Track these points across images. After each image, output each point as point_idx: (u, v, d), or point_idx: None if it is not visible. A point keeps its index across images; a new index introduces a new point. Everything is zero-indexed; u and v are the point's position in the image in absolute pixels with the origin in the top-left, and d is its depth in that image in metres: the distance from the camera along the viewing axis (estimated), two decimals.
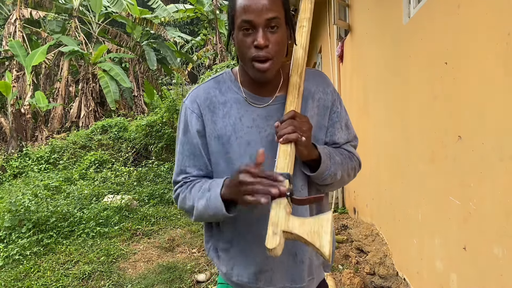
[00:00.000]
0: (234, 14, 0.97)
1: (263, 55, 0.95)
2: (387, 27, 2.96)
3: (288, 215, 0.86)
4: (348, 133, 1.16)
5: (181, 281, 3.33)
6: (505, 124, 1.40)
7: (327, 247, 0.79)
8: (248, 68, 0.99)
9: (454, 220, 1.86)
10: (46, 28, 13.19)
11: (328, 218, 0.83)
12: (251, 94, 1.07)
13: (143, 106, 13.43)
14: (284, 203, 0.87)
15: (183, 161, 1.10)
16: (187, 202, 1.07)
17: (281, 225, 0.84)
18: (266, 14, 0.93)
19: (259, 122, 1.06)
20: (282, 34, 0.97)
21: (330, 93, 1.13)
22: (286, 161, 0.93)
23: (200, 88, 1.11)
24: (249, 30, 0.95)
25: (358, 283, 2.77)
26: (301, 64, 1.08)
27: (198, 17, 17.28)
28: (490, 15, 1.49)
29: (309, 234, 0.82)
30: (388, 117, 2.99)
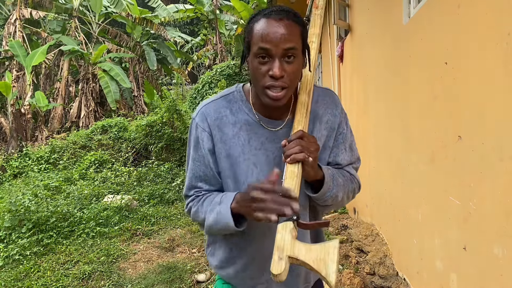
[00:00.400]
0: (250, 40, 0.96)
1: (278, 85, 0.94)
2: (387, 27, 2.96)
3: (294, 240, 0.85)
4: (352, 155, 1.16)
5: (181, 281, 3.33)
6: (505, 124, 1.40)
7: (333, 276, 0.78)
8: (261, 94, 0.98)
9: (454, 220, 1.86)
10: (46, 28, 13.19)
11: (335, 245, 0.82)
12: (263, 118, 1.07)
13: (143, 106, 13.43)
14: (290, 227, 0.86)
15: (194, 177, 1.11)
16: (199, 215, 1.08)
17: (287, 250, 0.83)
18: (284, 44, 0.92)
19: (268, 145, 1.06)
20: (298, 64, 0.96)
21: (338, 115, 1.12)
22: (293, 182, 0.92)
23: (210, 106, 1.10)
24: (265, 58, 0.94)
25: (358, 283, 2.77)
26: (309, 81, 1.08)
27: (198, 17, 17.28)
28: (490, 15, 1.49)
29: (315, 262, 0.81)
30: (388, 117, 2.99)
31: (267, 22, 0.93)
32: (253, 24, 0.97)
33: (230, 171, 1.07)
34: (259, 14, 0.97)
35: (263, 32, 0.93)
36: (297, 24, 0.96)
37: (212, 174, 1.10)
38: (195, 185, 1.12)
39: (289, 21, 0.94)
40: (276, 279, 0.82)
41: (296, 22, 0.96)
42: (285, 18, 0.94)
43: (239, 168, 1.06)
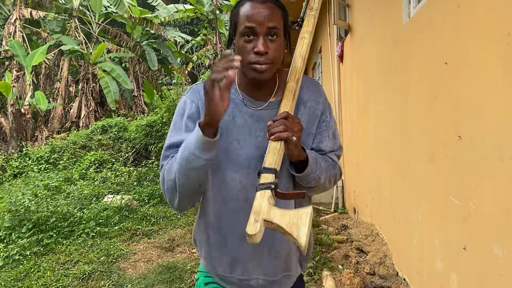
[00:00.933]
0: (237, 21, 1.06)
1: (263, 61, 1.02)
2: (387, 27, 2.96)
3: (271, 206, 0.91)
4: (334, 142, 1.21)
5: (181, 281, 3.33)
6: (505, 124, 1.40)
7: (303, 238, 0.84)
8: (247, 70, 1.06)
9: (454, 220, 1.86)
10: (46, 28, 13.19)
11: (308, 212, 0.88)
12: (247, 97, 1.13)
13: (143, 106, 13.43)
14: (268, 195, 0.93)
15: (172, 145, 1.11)
16: (172, 169, 1.05)
17: (263, 214, 0.89)
18: (267, 23, 1.02)
19: (250, 123, 1.12)
20: (280, 43, 1.06)
21: (321, 103, 1.18)
22: (274, 157, 0.99)
23: (200, 85, 1.17)
24: (250, 37, 1.03)
25: (358, 283, 2.77)
26: (299, 72, 1.14)
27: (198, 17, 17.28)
28: (490, 15, 1.49)
29: (288, 225, 0.87)
30: (388, 117, 2.99)
31: (252, 5, 1.04)
32: (239, 7, 1.07)
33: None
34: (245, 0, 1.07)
35: (248, 13, 1.03)
36: (279, 8, 1.07)
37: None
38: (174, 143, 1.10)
39: (271, 4, 1.05)
40: (251, 240, 0.87)
41: (278, 6, 1.07)
42: (268, 1, 1.04)
43: (222, 144, 1.09)
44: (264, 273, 1.15)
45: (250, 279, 1.15)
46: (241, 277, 1.16)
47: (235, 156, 1.10)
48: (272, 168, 0.97)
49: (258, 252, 1.14)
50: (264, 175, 0.97)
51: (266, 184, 0.95)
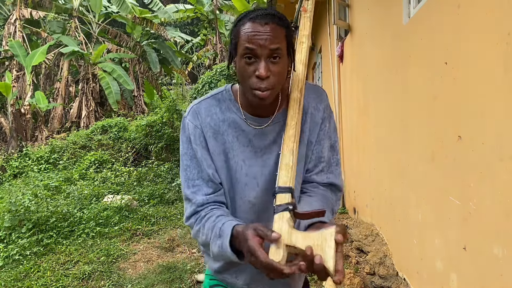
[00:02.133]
0: (237, 41, 1.00)
1: (264, 87, 0.97)
2: (387, 27, 2.96)
3: (291, 229, 0.86)
4: (332, 155, 1.15)
5: (181, 281, 3.33)
6: (505, 124, 1.40)
7: (331, 261, 0.79)
8: (248, 93, 1.02)
9: (454, 220, 1.86)
10: (46, 28, 13.19)
11: (332, 232, 0.82)
12: (249, 116, 1.10)
13: (143, 106, 13.44)
14: (287, 217, 0.87)
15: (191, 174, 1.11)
16: (200, 236, 1.07)
17: (285, 239, 0.84)
18: (269, 45, 0.96)
19: (255, 142, 1.10)
20: (283, 64, 1.00)
21: (321, 110, 1.14)
22: (288, 175, 0.95)
23: (201, 104, 1.13)
24: (251, 59, 0.97)
25: (358, 283, 2.77)
26: (301, 80, 1.11)
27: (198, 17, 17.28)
28: (490, 15, 1.49)
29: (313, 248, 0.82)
30: (388, 117, 2.99)
31: (253, 25, 0.97)
32: (239, 27, 1.01)
33: (224, 167, 1.10)
34: (245, 17, 1.01)
35: (249, 34, 0.97)
36: (282, 27, 1.00)
37: (207, 170, 1.10)
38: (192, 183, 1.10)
39: (274, 25, 0.98)
40: None
41: (281, 25, 1.00)
42: (270, 22, 0.98)
43: (229, 165, 1.09)
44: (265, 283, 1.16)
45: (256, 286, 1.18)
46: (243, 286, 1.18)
47: (243, 176, 1.09)
48: (288, 187, 0.94)
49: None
50: (280, 195, 0.93)
51: (283, 205, 0.90)
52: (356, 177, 4.28)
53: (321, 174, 1.13)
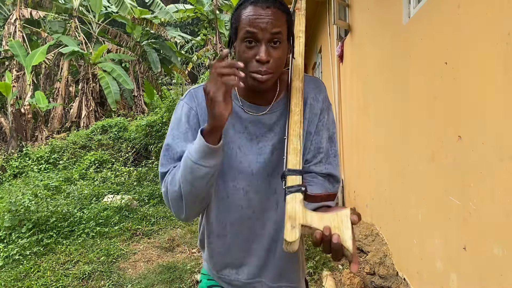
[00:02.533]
0: (238, 25, 0.99)
1: (264, 71, 0.97)
2: (387, 27, 2.96)
3: (306, 210, 0.84)
4: (331, 146, 1.14)
5: (181, 281, 3.33)
6: (505, 124, 1.40)
7: (349, 241, 0.77)
8: (247, 78, 1.00)
9: (454, 220, 1.86)
10: (46, 28, 13.19)
11: (347, 214, 0.81)
12: (247, 103, 1.09)
13: (143, 106, 13.44)
14: (300, 198, 0.86)
15: (172, 154, 1.07)
16: (175, 178, 1.01)
17: (300, 219, 0.82)
18: (270, 29, 0.95)
19: (251, 129, 1.08)
20: (283, 49, 1.00)
21: (320, 101, 1.13)
22: (297, 158, 0.94)
23: (199, 89, 1.12)
24: (252, 43, 0.96)
25: (358, 283, 2.77)
26: (301, 70, 1.11)
27: (198, 17, 17.28)
28: (490, 15, 1.49)
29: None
30: (388, 117, 2.99)
31: (254, 8, 0.97)
32: (240, 10, 1.00)
33: None
34: (247, 1, 0.99)
35: (250, 17, 0.96)
36: (283, 12, 0.99)
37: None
38: (172, 162, 1.07)
39: (275, 9, 0.97)
40: (289, 248, 0.81)
41: (282, 10, 0.99)
42: (272, 6, 0.97)
43: (223, 151, 1.06)
44: (268, 277, 1.16)
45: (254, 282, 1.17)
46: (245, 280, 1.17)
47: (237, 163, 1.08)
48: (298, 170, 0.92)
49: (262, 257, 1.14)
50: (291, 177, 0.91)
51: (295, 186, 0.88)
52: (356, 177, 4.28)
53: (319, 165, 1.12)
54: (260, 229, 1.12)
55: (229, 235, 1.13)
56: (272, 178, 1.09)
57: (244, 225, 1.11)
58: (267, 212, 1.11)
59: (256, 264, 1.15)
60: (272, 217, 1.11)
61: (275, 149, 1.09)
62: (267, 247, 1.14)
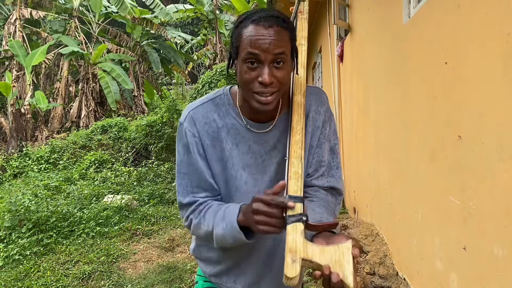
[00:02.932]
0: (239, 44, 0.95)
1: (268, 91, 0.94)
2: (387, 27, 2.96)
3: (306, 242, 0.83)
4: (332, 158, 1.13)
5: (181, 281, 3.33)
6: (505, 124, 1.40)
7: (350, 278, 0.76)
8: (250, 98, 0.97)
9: (454, 220, 1.86)
10: (46, 28, 13.19)
11: (349, 247, 0.79)
12: (250, 121, 1.07)
13: (143, 106, 13.44)
14: (301, 229, 0.84)
15: (189, 182, 1.08)
16: (202, 228, 1.04)
17: (300, 252, 0.80)
18: (273, 50, 0.91)
19: (255, 148, 1.07)
20: (287, 69, 0.96)
21: (322, 113, 1.11)
22: (298, 183, 0.91)
23: (199, 110, 1.08)
24: (254, 64, 0.93)
25: (358, 283, 2.77)
26: (303, 84, 1.08)
27: (198, 17, 17.29)
28: (490, 15, 1.49)
29: (331, 263, 0.79)
30: (388, 117, 2.99)
31: (256, 28, 0.92)
32: (241, 29, 0.95)
33: (221, 175, 1.07)
34: (247, 19, 0.95)
35: (252, 38, 0.92)
36: (286, 30, 0.95)
37: (206, 178, 1.07)
38: (191, 190, 1.07)
39: (278, 28, 0.93)
40: (289, 283, 0.79)
41: (285, 27, 0.95)
42: (274, 24, 0.93)
43: (229, 172, 1.06)
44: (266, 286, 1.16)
45: None
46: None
47: (243, 185, 1.07)
48: (299, 197, 0.89)
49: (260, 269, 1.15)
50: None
51: (296, 215, 0.85)
52: (356, 177, 4.28)
53: (321, 178, 1.10)
54: (258, 243, 1.11)
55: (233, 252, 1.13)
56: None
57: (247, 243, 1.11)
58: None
59: (253, 274, 1.15)
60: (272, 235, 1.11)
61: (279, 167, 1.07)
62: (264, 260, 1.13)
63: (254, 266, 1.14)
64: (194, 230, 1.07)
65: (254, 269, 1.14)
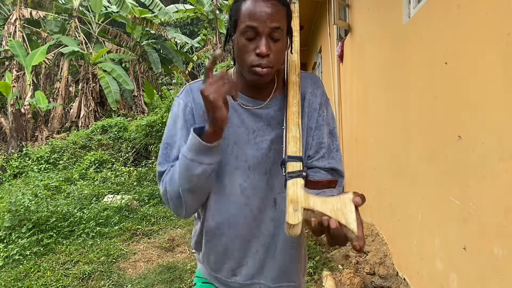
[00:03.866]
0: (237, 18, 0.99)
1: (264, 64, 0.97)
2: (387, 27, 2.96)
3: (307, 193, 0.83)
4: (332, 141, 1.14)
5: (181, 281, 3.33)
6: (505, 124, 1.40)
7: (354, 223, 0.76)
8: (246, 71, 1.00)
9: (454, 220, 1.86)
10: (46, 28, 13.19)
11: (350, 197, 0.79)
12: (244, 96, 1.09)
13: (143, 106, 13.43)
14: (301, 183, 0.85)
15: (171, 152, 1.09)
16: (174, 177, 1.03)
17: (302, 202, 0.81)
18: (271, 23, 0.95)
19: (248, 123, 1.08)
20: (283, 44, 1.00)
21: (319, 96, 1.13)
22: (297, 145, 0.94)
23: (195, 84, 1.13)
24: (252, 36, 0.97)
25: (358, 283, 2.77)
26: (297, 66, 1.11)
27: (198, 17, 17.29)
28: (490, 15, 1.49)
29: (333, 212, 0.78)
30: (388, 117, 2.99)
31: (255, 2, 0.97)
32: (240, 3, 0.99)
33: None
34: None
35: (251, 10, 0.96)
36: (283, 5, 1.00)
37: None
38: (171, 160, 1.08)
39: (275, 1, 0.98)
40: (291, 232, 0.79)
41: (283, 3, 1.00)
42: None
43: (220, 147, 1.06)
44: (266, 277, 1.14)
45: (252, 284, 1.14)
46: (243, 282, 1.14)
47: (233, 159, 1.07)
48: (298, 156, 0.92)
49: (261, 256, 1.12)
50: (291, 163, 0.90)
51: (296, 172, 0.88)
52: (356, 177, 4.28)
53: (322, 160, 1.11)
54: (258, 228, 1.10)
55: (227, 234, 1.11)
56: (269, 175, 1.08)
57: (242, 223, 1.09)
58: (265, 210, 1.09)
59: (254, 265, 1.13)
60: (271, 216, 1.10)
61: (273, 145, 1.07)
62: (266, 245, 1.12)
63: (255, 254, 1.12)
64: (169, 190, 1.04)
65: (254, 259, 1.12)
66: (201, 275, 1.23)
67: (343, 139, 4.80)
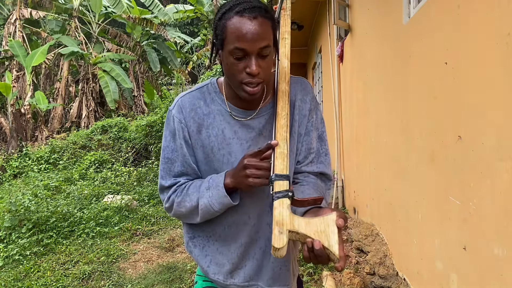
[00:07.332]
0: (224, 37, 0.98)
1: (255, 81, 0.99)
2: (387, 27, 2.96)
3: (293, 215, 0.87)
4: (321, 145, 1.17)
5: (181, 281, 3.33)
6: (505, 124, 1.40)
7: (336, 246, 0.80)
8: (237, 88, 1.02)
9: (454, 220, 1.86)
10: (46, 28, 13.18)
11: (333, 218, 0.83)
12: (235, 108, 1.11)
13: (143, 106, 13.43)
14: (287, 203, 0.89)
15: (173, 166, 1.13)
16: (186, 204, 1.09)
17: (287, 225, 0.84)
18: (259, 43, 0.96)
19: (240, 134, 1.10)
20: (271, 59, 1.02)
21: (308, 102, 1.15)
22: (284, 163, 0.96)
23: (186, 98, 1.14)
24: (240, 56, 0.97)
25: (358, 283, 2.77)
26: (287, 73, 1.12)
27: (198, 17, 17.29)
28: (490, 15, 1.49)
29: (316, 234, 0.82)
30: (388, 117, 2.99)
31: (241, 20, 0.95)
32: (226, 21, 0.98)
33: (206, 161, 1.11)
34: (231, 11, 0.98)
35: (238, 31, 0.95)
36: (268, 20, 0.99)
37: (189, 164, 1.12)
38: (173, 174, 1.13)
39: (262, 19, 0.97)
40: (277, 254, 0.83)
41: (268, 18, 0.99)
42: (258, 16, 0.96)
43: (215, 158, 1.10)
44: (263, 280, 1.16)
45: (249, 286, 1.17)
46: (241, 284, 1.16)
47: (229, 169, 1.09)
48: (285, 175, 0.94)
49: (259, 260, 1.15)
50: (278, 182, 0.93)
51: (283, 192, 0.90)
52: (356, 177, 4.28)
53: (311, 165, 1.14)
54: (255, 233, 1.13)
55: (222, 240, 1.14)
56: None
57: (240, 229, 1.13)
58: (261, 216, 1.12)
59: (252, 267, 1.15)
60: (267, 221, 1.12)
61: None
62: (264, 249, 1.14)
63: (253, 258, 1.14)
64: (176, 209, 1.12)
65: (253, 261, 1.15)
66: (202, 274, 1.25)
67: (343, 139, 4.80)
